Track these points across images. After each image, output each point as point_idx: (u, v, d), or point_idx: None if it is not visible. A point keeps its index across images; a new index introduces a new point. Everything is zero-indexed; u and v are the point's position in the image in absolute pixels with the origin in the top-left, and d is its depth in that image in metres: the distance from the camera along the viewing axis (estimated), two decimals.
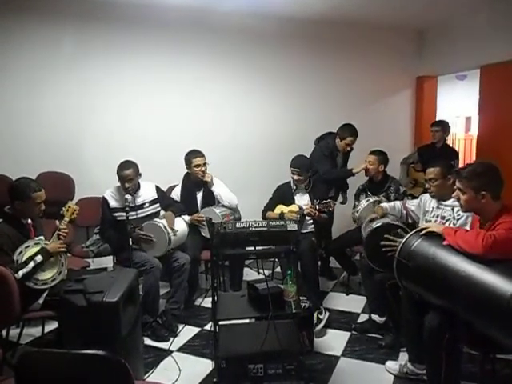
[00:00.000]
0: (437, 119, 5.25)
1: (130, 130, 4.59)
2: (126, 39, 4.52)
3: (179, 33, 4.69)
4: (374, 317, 3.28)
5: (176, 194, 3.92)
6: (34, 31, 4.23)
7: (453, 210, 2.79)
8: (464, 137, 8.88)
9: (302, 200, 3.80)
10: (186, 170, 3.89)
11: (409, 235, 2.46)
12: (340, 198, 4.50)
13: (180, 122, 4.80)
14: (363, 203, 3.56)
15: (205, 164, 3.80)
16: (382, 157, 3.82)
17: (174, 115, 4.78)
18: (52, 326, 3.19)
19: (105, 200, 3.43)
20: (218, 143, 4.73)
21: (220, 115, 4.94)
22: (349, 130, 4.16)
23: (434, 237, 2.32)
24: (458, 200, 2.34)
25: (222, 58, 4.88)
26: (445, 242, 2.23)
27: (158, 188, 3.62)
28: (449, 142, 5.06)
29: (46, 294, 2.68)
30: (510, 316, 1.83)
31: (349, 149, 4.23)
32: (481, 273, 2.00)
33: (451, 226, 2.73)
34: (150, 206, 3.51)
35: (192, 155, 3.79)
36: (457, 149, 6.58)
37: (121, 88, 4.56)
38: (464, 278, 2.04)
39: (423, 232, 2.39)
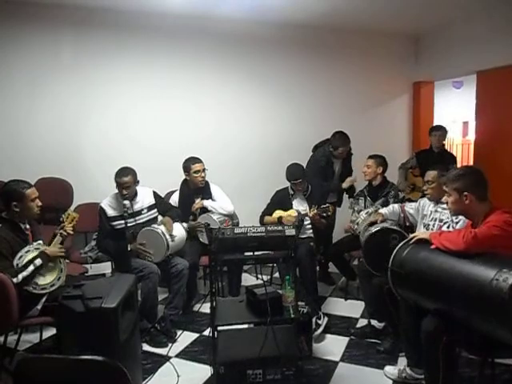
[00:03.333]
0: (434, 124, 5.27)
1: (128, 136, 4.60)
2: (124, 46, 4.55)
3: (178, 39, 4.73)
4: (374, 322, 3.27)
5: (174, 201, 3.92)
6: (33, 38, 4.26)
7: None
8: (461, 142, 8.91)
9: (300, 205, 3.81)
10: (184, 177, 3.90)
11: (399, 245, 2.53)
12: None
13: (178, 128, 4.81)
14: (363, 215, 3.48)
15: (204, 170, 3.81)
16: (380, 160, 3.84)
17: (172, 121, 4.80)
18: (50, 332, 3.17)
19: (102, 210, 3.41)
20: (216, 149, 4.75)
21: (218, 121, 4.96)
22: (340, 140, 4.18)
23: (423, 243, 2.40)
24: (447, 203, 2.42)
25: (221, 64, 4.91)
26: (432, 246, 2.30)
27: (155, 193, 3.62)
28: (446, 146, 5.06)
29: (44, 299, 2.67)
30: (494, 301, 1.86)
31: (345, 155, 4.25)
32: (464, 266, 2.07)
33: (450, 228, 2.77)
34: (148, 211, 3.51)
35: (191, 162, 3.80)
36: (454, 154, 6.60)
37: (119, 94, 4.58)
38: (450, 274, 2.11)
39: (412, 240, 2.48)
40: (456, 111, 8.29)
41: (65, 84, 4.38)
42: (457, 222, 2.79)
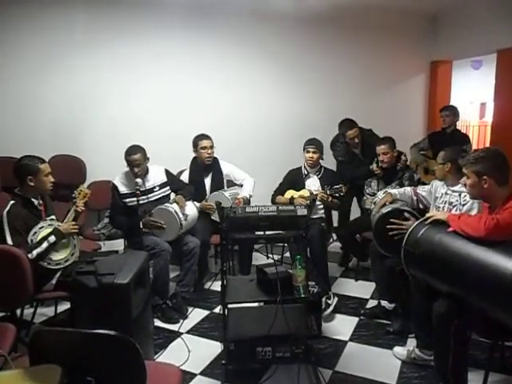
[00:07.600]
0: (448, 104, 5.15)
1: (141, 114, 4.58)
2: (132, 25, 4.49)
3: (189, 18, 4.65)
4: (384, 303, 3.28)
5: (184, 179, 3.92)
6: (42, 17, 4.22)
7: (460, 195, 2.79)
8: (478, 123, 8.73)
9: (313, 185, 3.79)
10: (194, 155, 3.90)
11: (415, 224, 2.48)
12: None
13: (189, 107, 4.77)
14: (380, 195, 3.38)
15: (211, 147, 3.82)
16: (391, 142, 3.72)
17: (182, 99, 4.75)
18: (65, 306, 3.25)
19: (114, 186, 3.43)
20: (229, 127, 4.71)
21: (229, 99, 4.90)
22: (345, 126, 4.13)
23: (439, 224, 2.35)
24: (465, 186, 2.35)
25: (236, 42, 4.84)
26: (450, 229, 2.24)
27: (167, 171, 3.62)
28: (462, 128, 4.95)
29: (58, 274, 2.72)
30: None
31: (356, 140, 4.13)
32: (484, 254, 2.01)
33: (457, 211, 2.73)
34: (160, 189, 3.52)
35: (199, 138, 3.84)
36: (471, 135, 6.47)
37: (133, 71, 4.55)
38: (467, 260, 2.06)
39: (429, 220, 2.42)
40: (474, 92, 8.11)
41: (77, 62, 4.35)
42: (463, 205, 2.76)
